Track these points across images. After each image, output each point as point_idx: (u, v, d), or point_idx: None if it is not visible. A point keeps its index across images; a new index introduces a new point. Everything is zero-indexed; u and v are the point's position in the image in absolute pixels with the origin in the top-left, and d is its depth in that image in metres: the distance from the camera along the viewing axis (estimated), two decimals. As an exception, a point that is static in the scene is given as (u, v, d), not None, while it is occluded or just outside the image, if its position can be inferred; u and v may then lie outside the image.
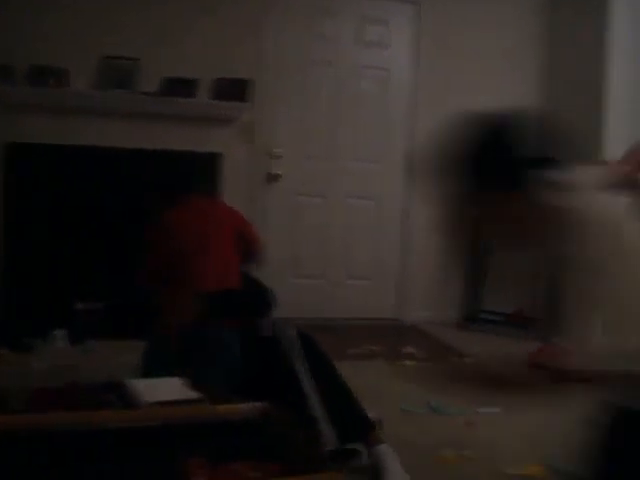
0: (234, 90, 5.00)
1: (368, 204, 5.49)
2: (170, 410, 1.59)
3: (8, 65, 4.56)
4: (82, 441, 1.50)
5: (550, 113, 1.66)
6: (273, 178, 5.22)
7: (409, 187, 5.47)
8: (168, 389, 1.78)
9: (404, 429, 3.16)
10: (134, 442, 1.50)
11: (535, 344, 4.82)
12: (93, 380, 2.99)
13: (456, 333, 5.21)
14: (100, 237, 4.72)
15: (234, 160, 5.00)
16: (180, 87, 4.90)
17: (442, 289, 5.47)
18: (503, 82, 5.63)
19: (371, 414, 2.86)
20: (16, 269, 4.65)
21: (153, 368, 2.90)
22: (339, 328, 5.05)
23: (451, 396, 3.48)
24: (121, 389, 1.87)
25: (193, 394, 1.76)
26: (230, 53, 5.05)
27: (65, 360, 4.00)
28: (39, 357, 4.00)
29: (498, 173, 1.52)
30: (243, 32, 5.09)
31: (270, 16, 5.15)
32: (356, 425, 2.79)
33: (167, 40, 4.90)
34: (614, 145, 5.01)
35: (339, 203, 5.43)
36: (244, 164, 5.08)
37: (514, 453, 3.07)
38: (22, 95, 4.58)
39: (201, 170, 4.90)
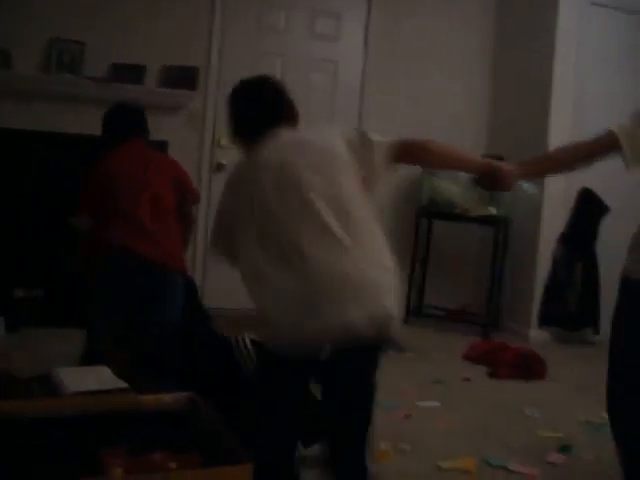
0: (183, 78, 4.94)
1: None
2: (93, 400, 1.57)
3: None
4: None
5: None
6: (219, 168, 5.18)
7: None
8: (94, 379, 1.75)
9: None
10: (54, 432, 1.47)
11: (475, 340, 4.90)
12: (27, 369, 2.95)
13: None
14: (41, 223, 4.62)
15: (180, 148, 4.93)
16: (128, 73, 4.82)
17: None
18: (452, 75, 5.68)
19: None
20: (-47, 254, 4.53)
21: None
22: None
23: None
24: (47, 378, 1.84)
25: (119, 384, 1.74)
26: (180, 40, 4.99)
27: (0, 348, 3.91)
28: (-27, 344, 3.91)
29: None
30: (193, 20, 5.03)
31: (221, 5, 5.11)
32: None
33: (115, 25, 4.81)
34: (558, 133, 5.12)
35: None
36: (190, 153, 5.03)
37: (449, 447, 3.11)
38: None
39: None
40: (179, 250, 3.36)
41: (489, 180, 2.21)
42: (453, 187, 5.42)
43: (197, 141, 5.10)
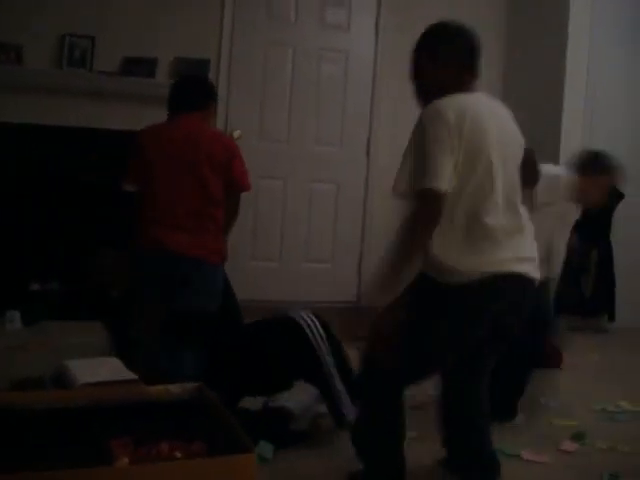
0: (194, 70, 4.94)
1: (329, 187, 5.48)
2: (102, 391, 1.58)
3: (-40, 41, 4.47)
4: (10, 421, 1.48)
5: None
6: (232, 160, 5.18)
7: (369, 170, 5.49)
8: (105, 370, 1.76)
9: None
10: (63, 422, 1.49)
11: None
12: (43, 361, 2.98)
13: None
14: (56, 217, 4.65)
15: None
16: (139, 66, 4.85)
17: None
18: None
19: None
20: (-31, 249, 4.57)
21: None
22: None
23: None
24: (58, 370, 1.86)
25: (128, 375, 1.75)
26: (190, 33, 4.99)
27: (17, 341, 3.96)
28: (-10, 338, 3.96)
29: None
30: (204, 12, 5.04)
31: (231, -3, 5.12)
32: None
33: (125, 19, 4.83)
34: (571, 130, 5.09)
35: (299, 187, 5.41)
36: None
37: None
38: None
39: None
40: (214, 243, 3.17)
41: None
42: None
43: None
